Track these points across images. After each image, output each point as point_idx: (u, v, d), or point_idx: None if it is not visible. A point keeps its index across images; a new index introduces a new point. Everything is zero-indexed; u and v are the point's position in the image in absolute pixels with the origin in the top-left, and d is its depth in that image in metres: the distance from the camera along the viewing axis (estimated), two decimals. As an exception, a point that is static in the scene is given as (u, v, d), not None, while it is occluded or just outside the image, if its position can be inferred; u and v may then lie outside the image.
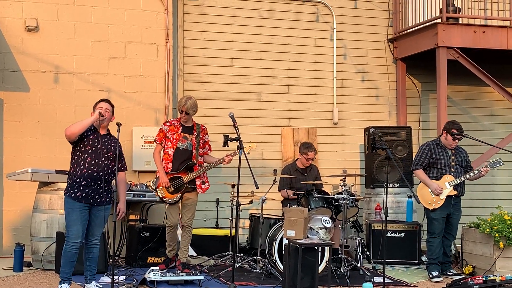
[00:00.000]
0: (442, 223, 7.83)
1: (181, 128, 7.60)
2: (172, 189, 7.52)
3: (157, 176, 7.58)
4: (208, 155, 7.79)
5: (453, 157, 7.90)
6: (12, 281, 7.05)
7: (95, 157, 6.37)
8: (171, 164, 7.54)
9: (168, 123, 7.67)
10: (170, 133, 7.58)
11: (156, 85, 9.33)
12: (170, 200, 7.55)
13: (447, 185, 7.78)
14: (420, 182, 7.94)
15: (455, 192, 7.80)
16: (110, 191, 6.52)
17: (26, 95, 8.83)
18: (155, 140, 7.69)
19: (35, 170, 7.72)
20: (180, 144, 7.56)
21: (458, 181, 7.79)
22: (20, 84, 8.81)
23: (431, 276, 7.77)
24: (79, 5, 9.07)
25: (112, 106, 6.59)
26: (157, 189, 7.55)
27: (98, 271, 6.88)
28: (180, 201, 7.65)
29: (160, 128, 7.67)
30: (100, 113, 6.37)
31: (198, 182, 7.60)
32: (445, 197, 7.77)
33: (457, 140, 7.88)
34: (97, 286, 6.57)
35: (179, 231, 7.93)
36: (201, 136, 7.66)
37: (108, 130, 6.58)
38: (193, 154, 7.57)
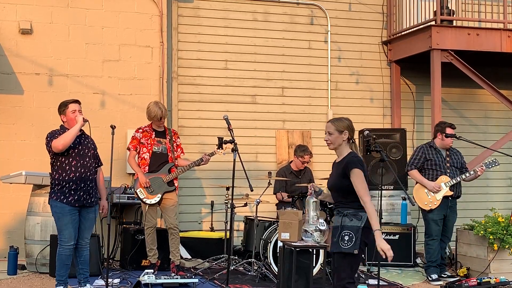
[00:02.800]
0: (440, 225, 7.83)
1: (154, 133, 7.63)
2: (152, 189, 7.51)
3: (136, 178, 7.60)
4: (181, 158, 7.81)
5: (448, 159, 7.91)
6: (6, 284, 7.02)
7: (79, 159, 6.40)
8: (147, 167, 7.55)
9: (140, 130, 7.66)
10: (144, 139, 7.59)
11: (150, 87, 9.32)
12: (151, 201, 7.54)
13: (443, 185, 7.78)
14: (416, 183, 7.93)
15: (451, 193, 7.81)
16: (97, 191, 6.58)
17: (20, 97, 8.81)
18: (128, 148, 7.68)
19: (29, 173, 7.71)
20: (156, 148, 7.59)
21: (454, 181, 7.80)
22: (14, 86, 8.78)
23: (430, 279, 7.77)
24: (73, 7, 9.05)
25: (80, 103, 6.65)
26: (137, 191, 7.54)
27: (93, 274, 6.88)
28: (160, 204, 7.62)
29: (133, 135, 7.66)
30: (84, 118, 6.41)
31: (176, 183, 7.66)
32: (442, 198, 7.77)
33: (452, 138, 7.86)
34: (91, 289, 6.57)
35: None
36: (173, 140, 7.68)
37: (81, 129, 6.55)
38: (169, 156, 7.62)
